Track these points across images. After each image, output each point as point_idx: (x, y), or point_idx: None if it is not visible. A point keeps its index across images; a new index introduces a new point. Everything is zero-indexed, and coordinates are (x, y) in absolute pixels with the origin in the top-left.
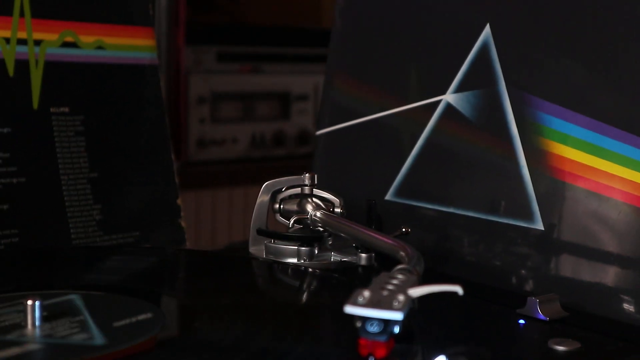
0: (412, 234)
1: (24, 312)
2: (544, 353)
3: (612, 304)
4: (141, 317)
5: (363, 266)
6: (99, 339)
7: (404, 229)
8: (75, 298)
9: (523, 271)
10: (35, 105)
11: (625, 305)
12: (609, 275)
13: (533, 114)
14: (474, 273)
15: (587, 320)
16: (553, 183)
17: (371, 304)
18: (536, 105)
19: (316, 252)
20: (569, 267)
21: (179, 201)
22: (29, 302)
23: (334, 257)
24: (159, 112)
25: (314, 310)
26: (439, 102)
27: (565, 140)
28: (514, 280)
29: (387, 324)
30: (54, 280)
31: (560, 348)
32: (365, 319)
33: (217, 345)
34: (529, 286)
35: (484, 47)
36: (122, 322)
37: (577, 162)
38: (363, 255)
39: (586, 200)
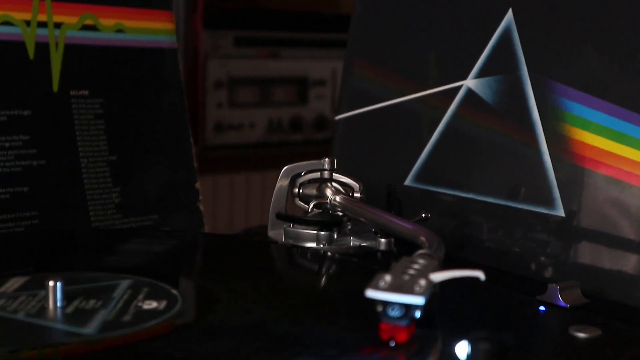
0: (431, 220)
1: (46, 292)
2: (565, 340)
3: (633, 291)
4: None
5: (382, 251)
6: (142, 312)
7: (423, 214)
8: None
9: (543, 258)
10: (55, 88)
11: None
12: (630, 262)
13: (555, 100)
14: (493, 259)
15: (607, 307)
16: (574, 169)
17: (392, 288)
18: (558, 91)
19: (335, 236)
20: (589, 254)
21: (197, 185)
22: (51, 283)
23: (353, 242)
24: (178, 96)
25: (333, 295)
26: (459, 87)
27: (587, 126)
28: (533, 266)
29: (409, 308)
30: (73, 262)
31: (581, 335)
32: (386, 303)
33: (236, 329)
34: (548, 273)
35: (506, 32)
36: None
37: (598, 148)
38: (382, 240)
39: (608, 187)
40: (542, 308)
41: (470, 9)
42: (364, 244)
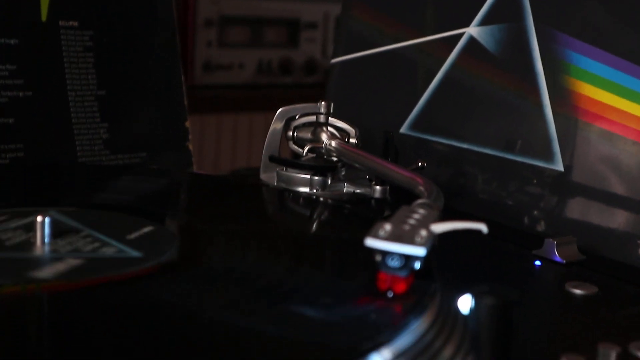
0: (426, 169)
1: (34, 228)
2: (562, 296)
3: (629, 249)
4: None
5: (376, 199)
6: (131, 251)
7: (420, 163)
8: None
9: (539, 212)
10: (43, 17)
11: None
12: (628, 220)
13: (560, 52)
14: (488, 211)
15: (603, 264)
16: (576, 124)
17: (393, 238)
18: (564, 43)
19: (329, 182)
20: (586, 210)
21: (187, 124)
22: (39, 219)
23: (347, 188)
24: (170, 32)
25: (326, 241)
26: (461, 34)
27: (592, 80)
28: (529, 220)
29: (409, 259)
30: (60, 198)
31: (578, 291)
32: (385, 253)
33: (223, 272)
34: (544, 227)
35: None
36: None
37: (603, 103)
38: (378, 187)
39: (610, 143)
40: (537, 263)
41: None
42: (358, 191)
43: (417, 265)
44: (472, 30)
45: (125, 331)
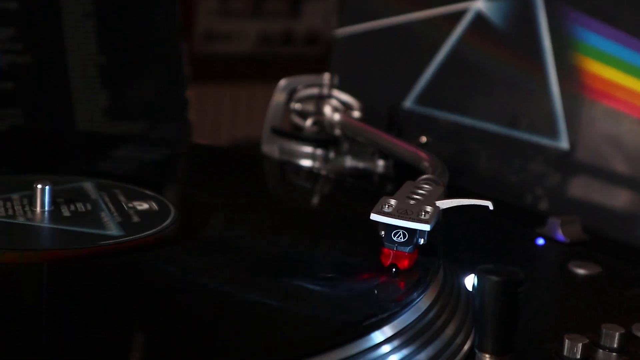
0: (429, 145)
1: (34, 195)
2: (564, 275)
3: (634, 229)
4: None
5: (379, 173)
6: (114, 230)
7: (423, 139)
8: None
9: (543, 190)
10: None
11: None
12: (632, 200)
13: (568, 28)
14: (490, 188)
15: (606, 244)
16: (583, 102)
17: (398, 213)
18: (573, 19)
19: (332, 155)
20: (590, 188)
21: (188, 93)
22: (39, 186)
23: (350, 162)
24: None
25: (327, 215)
26: (469, 8)
27: (600, 57)
28: (532, 198)
29: (414, 234)
30: (56, 165)
31: (581, 271)
32: (390, 228)
33: (224, 245)
34: (547, 205)
35: None
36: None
37: (609, 80)
38: (380, 162)
39: (615, 122)
40: (540, 242)
41: None
42: (360, 165)
43: (422, 240)
44: (480, 4)
45: (121, 302)
